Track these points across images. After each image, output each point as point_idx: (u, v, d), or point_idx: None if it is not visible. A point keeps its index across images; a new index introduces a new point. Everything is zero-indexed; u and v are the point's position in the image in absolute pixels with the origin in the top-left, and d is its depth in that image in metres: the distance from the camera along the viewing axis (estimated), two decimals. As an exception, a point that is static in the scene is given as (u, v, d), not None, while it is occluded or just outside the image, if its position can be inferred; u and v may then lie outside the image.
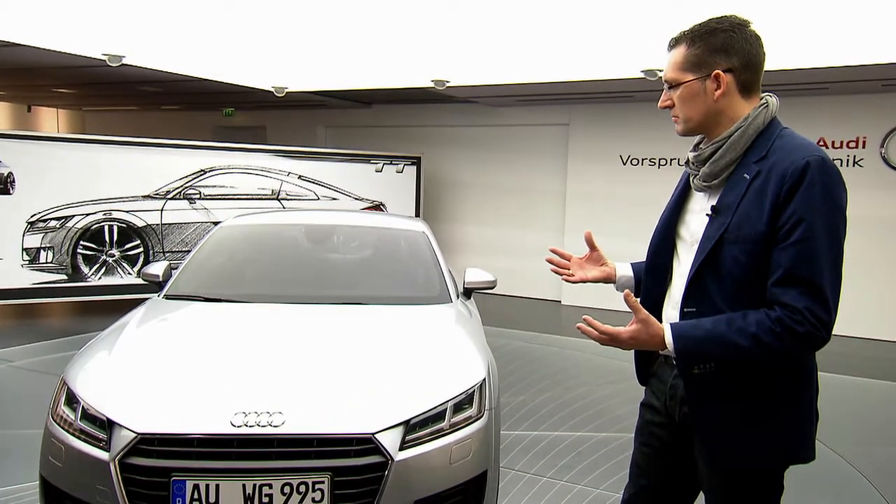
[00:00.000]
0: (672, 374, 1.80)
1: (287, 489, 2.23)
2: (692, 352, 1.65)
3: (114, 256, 7.68)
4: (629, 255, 2.20)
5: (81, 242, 7.49)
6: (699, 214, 1.76)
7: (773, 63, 1.91)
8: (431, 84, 7.68)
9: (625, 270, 2.07)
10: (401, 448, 2.35)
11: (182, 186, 7.98)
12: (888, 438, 4.65)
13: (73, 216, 7.42)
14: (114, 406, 2.39)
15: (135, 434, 2.27)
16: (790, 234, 1.56)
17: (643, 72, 6.50)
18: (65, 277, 7.45)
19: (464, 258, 9.04)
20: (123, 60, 6.83)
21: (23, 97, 12.46)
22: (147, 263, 7.54)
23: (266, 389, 2.49)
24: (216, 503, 2.21)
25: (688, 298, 1.71)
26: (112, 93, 10.55)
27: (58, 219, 7.35)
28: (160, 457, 2.25)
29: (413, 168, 9.55)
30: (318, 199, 8.86)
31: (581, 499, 3.48)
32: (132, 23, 5.50)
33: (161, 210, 7.87)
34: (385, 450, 2.31)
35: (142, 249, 7.81)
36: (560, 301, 9.35)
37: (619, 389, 5.25)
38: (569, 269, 2.07)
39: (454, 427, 2.49)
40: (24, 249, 7.21)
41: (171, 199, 7.92)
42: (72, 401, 2.51)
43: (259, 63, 7.19)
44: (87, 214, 7.49)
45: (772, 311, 1.57)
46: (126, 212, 7.68)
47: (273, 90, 8.65)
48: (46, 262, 7.34)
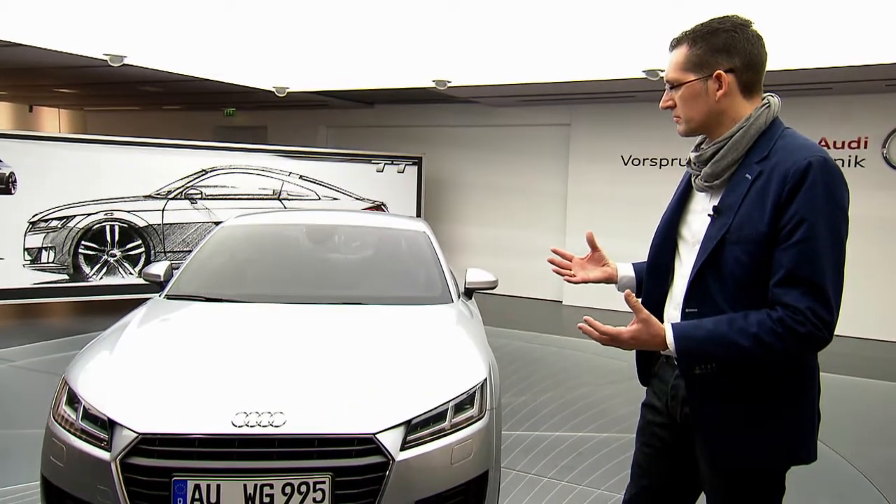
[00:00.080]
0: (673, 375, 1.80)
1: (288, 489, 2.22)
2: (693, 352, 1.65)
3: (115, 256, 7.69)
4: (630, 256, 2.20)
5: (83, 242, 7.50)
6: (701, 215, 1.76)
7: (775, 63, 1.91)
8: (433, 84, 7.69)
9: (626, 271, 2.07)
10: (402, 448, 2.34)
11: (183, 186, 7.98)
12: (889, 439, 4.65)
13: (75, 216, 7.43)
14: (115, 406, 2.39)
15: (136, 434, 2.27)
16: (792, 235, 1.56)
17: (645, 72, 6.50)
18: (66, 277, 7.45)
19: (465, 258, 9.04)
20: (125, 60, 6.84)
21: (24, 97, 12.48)
22: (148, 263, 7.54)
23: (267, 389, 2.49)
24: (217, 503, 2.21)
25: (689, 299, 1.71)
26: (113, 93, 10.56)
27: (59, 219, 7.35)
28: (161, 457, 2.25)
29: (414, 168, 9.55)
30: (320, 199, 8.87)
31: (582, 499, 3.48)
32: (133, 23, 5.51)
33: (162, 210, 7.87)
34: (386, 450, 2.31)
35: (143, 249, 7.81)
36: (561, 301, 9.35)
37: (621, 390, 5.24)
38: (570, 270, 2.07)
39: (455, 427, 2.49)
40: (26, 249, 7.21)
41: (173, 199, 7.93)
42: (73, 401, 2.51)
43: (260, 63, 7.20)
44: (89, 214, 7.49)
45: (773, 312, 1.56)
46: (127, 212, 7.69)
47: (274, 90, 8.65)
48: (48, 262, 7.34)
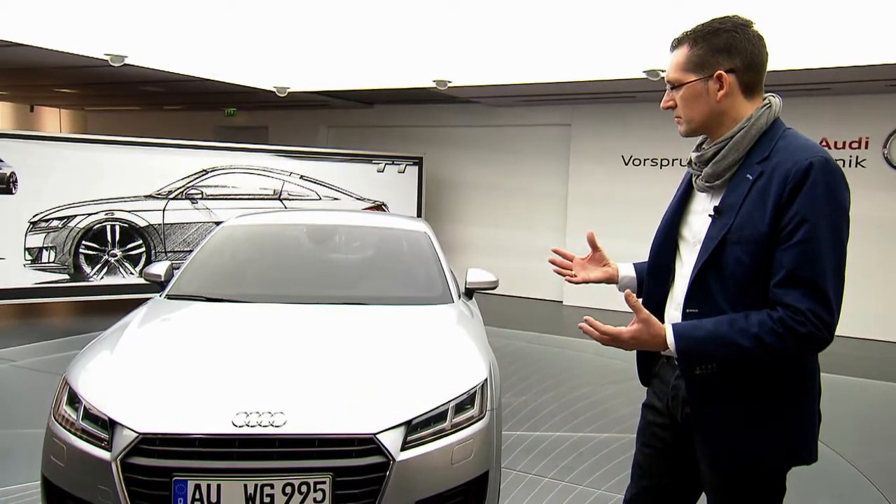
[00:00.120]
0: (674, 375, 1.80)
1: (288, 489, 2.22)
2: (694, 352, 1.64)
3: (116, 256, 7.69)
4: (631, 256, 2.20)
5: (84, 242, 7.50)
6: (702, 215, 1.76)
7: (776, 63, 1.91)
8: (433, 84, 7.69)
9: (627, 271, 2.07)
10: (402, 448, 2.34)
11: (184, 186, 7.98)
12: (889, 439, 4.65)
13: (76, 216, 7.43)
14: (115, 406, 2.39)
15: (136, 434, 2.27)
16: (793, 235, 1.55)
17: (645, 72, 6.49)
18: (67, 277, 7.45)
19: (465, 258, 9.03)
20: (126, 60, 6.84)
21: (25, 97, 12.49)
22: (149, 263, 7.54)
23: (267, 389, 2.49)
24: (217, 503, 2.21)
25: (690, 299, 1.71)
26: (114, 93, 10.56)
27: (60, 218, 7.36)
28: (162, 457, 2.25)
29: (415, 168, 9.55)
30: (320, 200, 8.87)
31: (583, 500, 3.48)
32: (134, 23, 5.51)
33: (163, 210, 7.87)
34: (387, 450, 2.31)
35: (144, 249, 7.81)
36: (562, 301, 9.35)
37: (621, 390, 5.24)
38: (571, 270, 2.07)
39: (456, 427, 2.49)
40: (27, 249, 7.22)
41: (174, 199, 7.93)
42: (74, 400, 2.51)
43: (261, 63, 7.20)
44: (90, 214, 7.50)
45: (774, 312, 1.56)
46: (128, 212, 7.69)
47: (275, 90, 8.65)
48: (49, 262, 7.34)
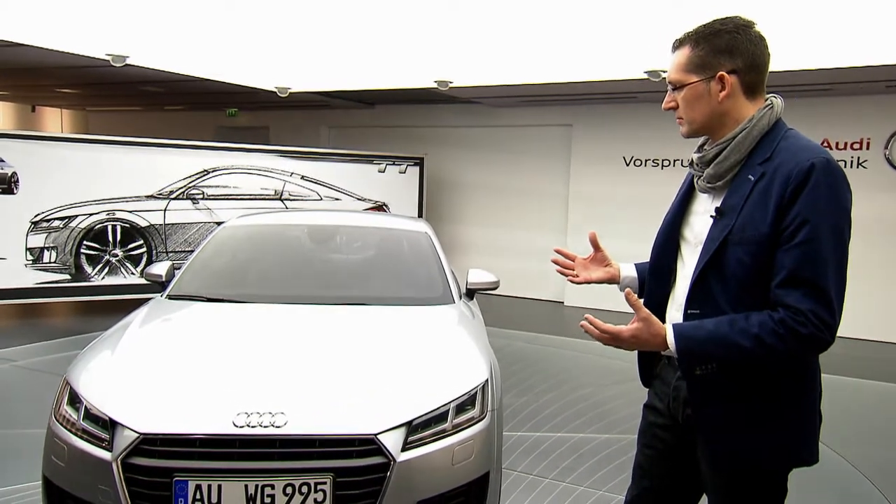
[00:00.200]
0: (675, 376, 1.80)
1: (289, 490, 2.22)
2: (694, 352, 1.64)
3: (117, 256, 7.70)
4: (632, 257, 2.20)
5: (85, 242, 7.50)
6: (703, 216, 1.76)
7: (777, 64, 1.90)
8: (434, 85, 7.69)
9: (629, 271, 2.07)
10: (403, 449, 2.34)
11: (185, 186, 7.99)
12: (890, 440, 4.64)
13: (77, 216, 7.43)
14: (116, 406, 2.39)
15: (137, 434, 2.27)
16: (794, 236, 1.55)
17: (646, 73, 6.49)
18: (68, 277, 7.46)
19: (466, 259, 9.04)
20: (127, 61, 6.84)
21: (27, 97, 12.50)
22: (150, 263, 7.55)
23: (268, 390, 2.49)
24: (218, 503, 2.21)
25: (691, 300, 1.70)
26: (115, 93, 10.57)
27: (61, 219, 7.36)
28: (162, 457, 2.25)
29: (416, 168, 9.55)
30: (321, 200, 8.87)
31: (584, 501, 3.48)
32: (136, 23, 5.51)
33: (164, 210, 7.88)
34: (387, 451, 2.31)
35: (145, 249, 7.82)
36: (563, 302, 9.34)
37: (622, 391, 5.24)
38: (573, 270, 2.07)
39: (456, 428, 2.48)
40: (28, 249, 7.22)
41: (175, 200, 7.93)
42: (74, 401, 2.51)
43: (262, 63, 7.20)
44: (91, 214, 7.50)
45: (775, 313, 1.56)
46: (129, 212, 7.69)
47: (276, 90, 8.66)
48: (50, 262, 7.35)
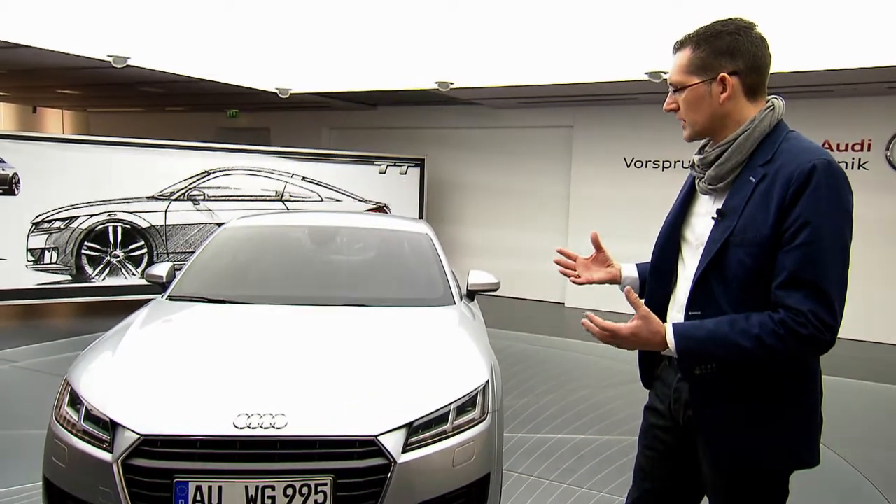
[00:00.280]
0: (676, 378, 1.79)
1: (290, 491, 2.22)
2: (694, 352, 1.64)
3: (118, 257, 7.70)
4: (633, 258, 2.19)
5: (86, 243, 7.51)
6: (704, 217, 1.76)
7: (778, 65, 1.90)
8: (435, 86, 7.69)
9: (630, 272, 2.07)
10: (404, 450, 2.34)
11: (186, 188, 7.99)
12: (891, 441, 4.63)
13: (78, 217, 7.44)
14: (117, 407, 2.39)
15: (138, 435, 2.27)
16: (795, 237, 1.55)
17: (647, 74, 6.49)
18: (69, 278, 7.46)
19: (467, 260, 9.03)
20: (128, 62, 6.85)
21: (28, 98, 12.51)
22: (151, 264, 7.54)
23: (269, 391, 2.49)
24: (219, 505, 2.21)
25: (693, 302, 1.70)
26: (116, 94, 10.58)
27: (62, 219, 7.37)
28: (163, 458, 2.25)
29: (417, 170, 9.55)
30: (322, 201, 8.87)
31: (584, 502, 3.47)
32: (137, 24, 5.52)
33: (165, 211, 7.88)
34: (388, 452, 2.31)
35: (146, 250, 7.82)
36: (563, 303, 9.34)
37: (623, 392, 5.23)
38: (575, 270, 2.07)
39: (457, 429, 2.48)
40: (29, 250, 7.23)
41: (175, 201, 7.94)
42: (75, 402, 2.51)
43: (263, 64, 7.21)
44: (92, 215, 7.51)
45: (775, 314, 1.56)
46: (130, 213, 7.70)
47: (277, 92, 8.66)
48: (51, 263, 7.35)
